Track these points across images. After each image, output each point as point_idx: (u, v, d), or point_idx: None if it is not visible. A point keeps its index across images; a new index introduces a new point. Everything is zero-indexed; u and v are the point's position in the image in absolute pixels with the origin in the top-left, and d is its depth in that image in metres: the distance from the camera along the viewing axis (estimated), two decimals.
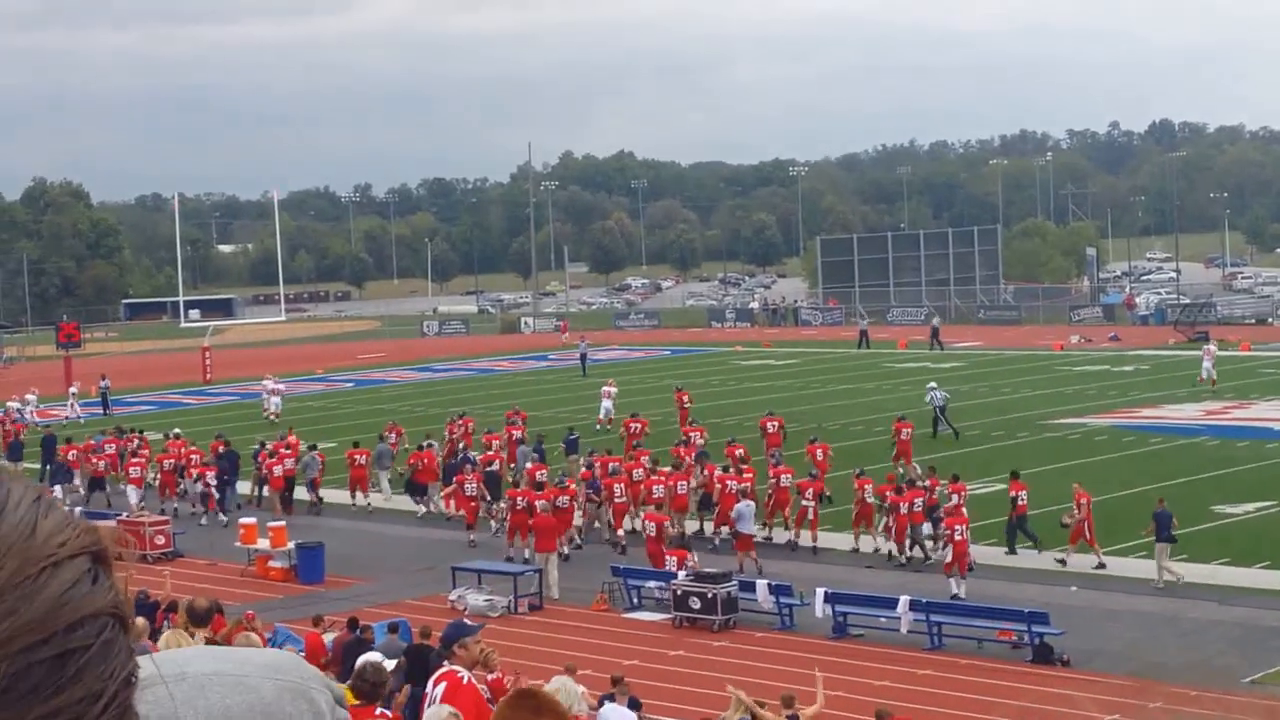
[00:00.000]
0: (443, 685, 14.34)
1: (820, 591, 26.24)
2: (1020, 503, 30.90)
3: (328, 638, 21.96)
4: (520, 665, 19.73)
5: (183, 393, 69.69)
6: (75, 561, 1.14)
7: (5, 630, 1.09)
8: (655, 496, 33.00)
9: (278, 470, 39.06)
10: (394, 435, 43.03)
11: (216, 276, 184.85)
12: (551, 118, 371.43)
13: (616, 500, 33.36)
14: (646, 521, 30.79)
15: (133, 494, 39.98)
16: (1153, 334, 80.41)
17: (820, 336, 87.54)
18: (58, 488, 39.39)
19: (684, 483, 33.67)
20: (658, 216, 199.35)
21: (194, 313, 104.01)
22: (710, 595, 26.84)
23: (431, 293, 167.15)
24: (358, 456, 39.63)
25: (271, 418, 55.27)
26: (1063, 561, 29.83)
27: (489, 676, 18.34)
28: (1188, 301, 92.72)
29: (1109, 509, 34.77)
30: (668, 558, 28.75)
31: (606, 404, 50.91)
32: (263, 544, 32.83)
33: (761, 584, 27.18)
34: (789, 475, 33.19)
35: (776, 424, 42.39)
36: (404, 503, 38.74)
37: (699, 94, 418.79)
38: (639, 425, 42.17)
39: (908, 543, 30.65)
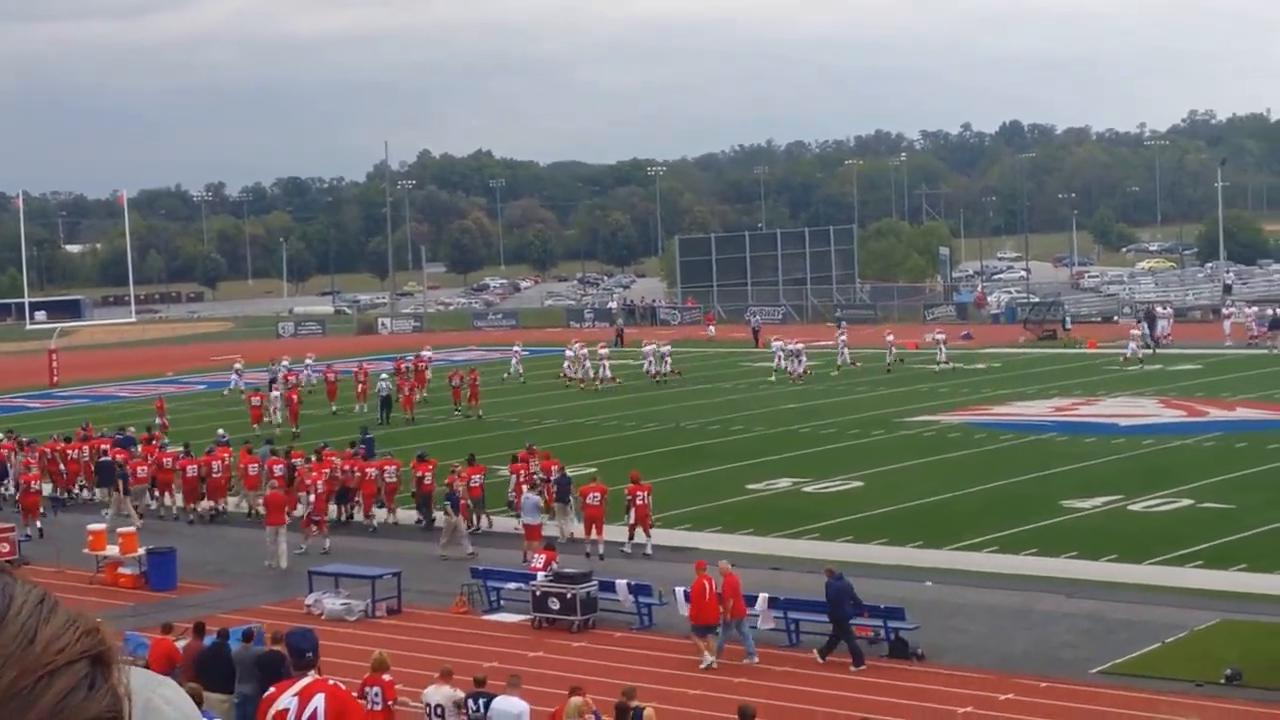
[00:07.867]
0: (321, 697, 13.52)
1: (679, 590, 26.27)
2: (426, 482, 34.62)
3: (180, 644, 21.61)
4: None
5: (28, 396, 67.94)
6: (74, 668, 1.17)
7: None
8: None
9: None
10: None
11: (64, 277, 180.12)
12: (408, 117, 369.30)
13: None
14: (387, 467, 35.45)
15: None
16: (1003, 332, 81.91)
17: (679, 335, 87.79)
18: None
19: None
20: (516, 216, 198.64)
21: (40, 314, 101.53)
22: (569, 595, 26.77)
23: (287, 293, 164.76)
24: (70, 451, 40.84)
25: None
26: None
27: (384, 678, 18.13)
28: (1037, 300, 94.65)
29: (961, 505, 35.40)
30: (536, 556, 28.63)
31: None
32: (112, 550, 32.19)
33: (621, 584, 27.19)
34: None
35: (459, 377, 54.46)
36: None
37: (557, 94, 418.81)
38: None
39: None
